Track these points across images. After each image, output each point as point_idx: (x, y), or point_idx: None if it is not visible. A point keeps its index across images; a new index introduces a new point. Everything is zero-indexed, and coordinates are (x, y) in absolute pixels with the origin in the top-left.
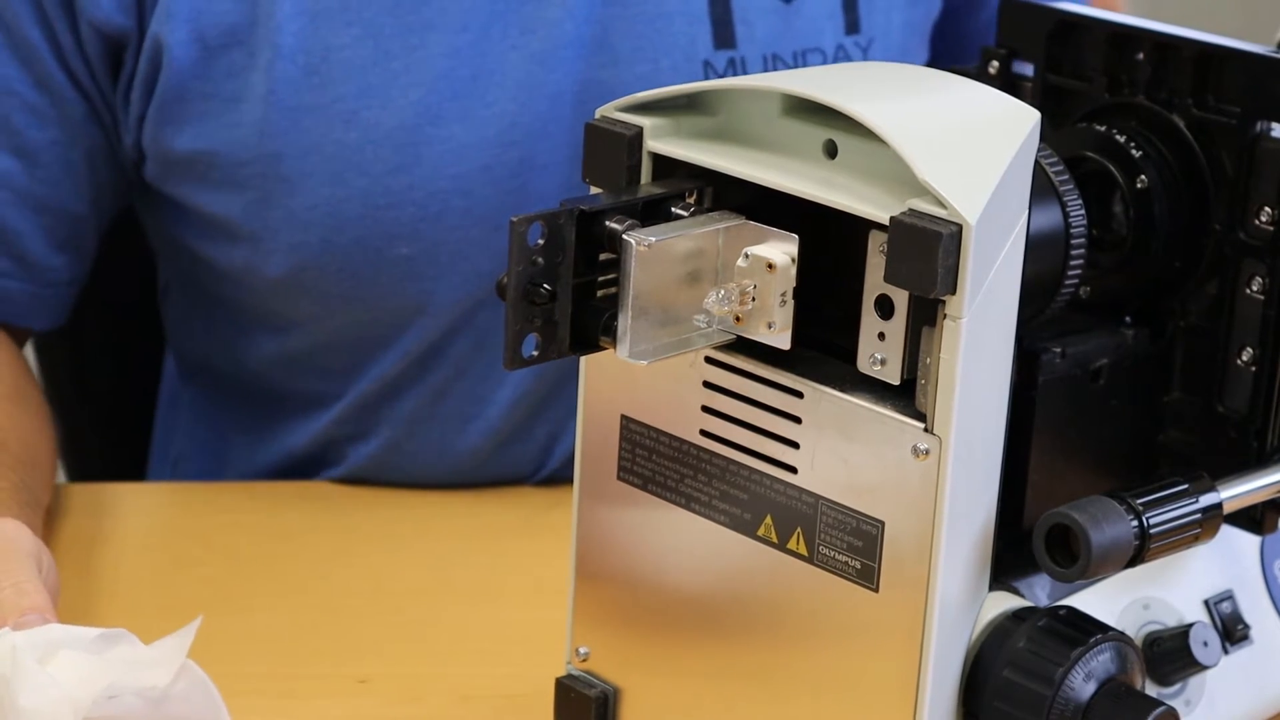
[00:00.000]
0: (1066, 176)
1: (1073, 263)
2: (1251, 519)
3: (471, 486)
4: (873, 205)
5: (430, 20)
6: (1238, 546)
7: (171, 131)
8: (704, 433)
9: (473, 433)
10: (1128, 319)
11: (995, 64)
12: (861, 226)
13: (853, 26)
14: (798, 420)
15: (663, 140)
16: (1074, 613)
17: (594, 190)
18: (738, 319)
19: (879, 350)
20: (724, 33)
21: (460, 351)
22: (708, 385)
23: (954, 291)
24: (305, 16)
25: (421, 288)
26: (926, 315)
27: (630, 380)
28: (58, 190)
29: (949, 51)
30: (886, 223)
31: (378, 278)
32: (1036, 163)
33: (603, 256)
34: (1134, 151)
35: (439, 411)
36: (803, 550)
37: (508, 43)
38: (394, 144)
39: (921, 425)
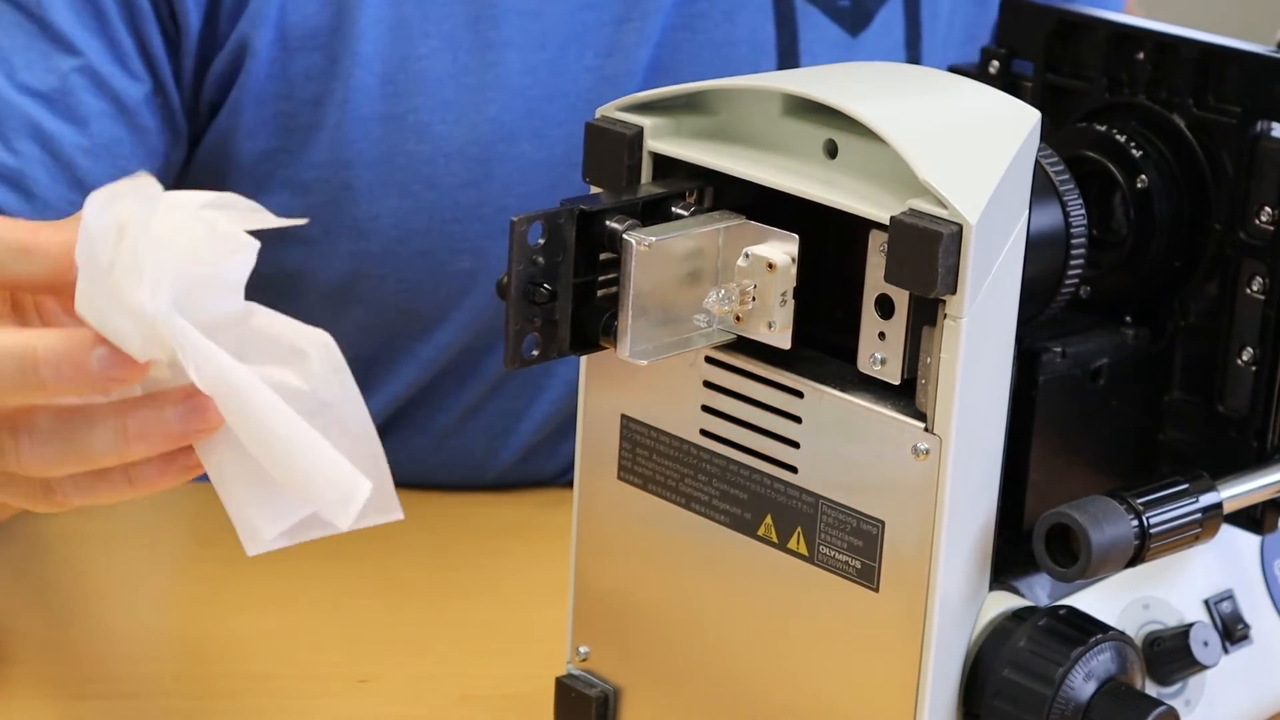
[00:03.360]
0: (1067, 176)
1: (1073, 263)
2: (1252, 519)
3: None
4: (873, 205)
5: (509, 37)
6: (1238, 546)
7: (243, 132)
8: (704, 432)
9: (503, 449)
10: (1128, 319)
11: (995, 64)
12: (862, 226)
13: (914, 63)
14: (798, 420)
15: (663, 140)
16: (1074, 612)
17: (594, 190)
18: (738, 319)
19: (879, 350)
20: (789, 64)
21: (494, 367)
22: (708, 385)
23: (954, 291)
24: (385, 25)
25: (475, 303)
26: (927, 315)
27: (630, 380)
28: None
29: None
30: (887, 222)
31: (436, 291)
32: (1037, 162)
33: (603, 256)
34: (1134, 151)
35: (470, 427)
36: (803, 550)
37: (583, 64)
38: (465, 159)
39: (921, 425)
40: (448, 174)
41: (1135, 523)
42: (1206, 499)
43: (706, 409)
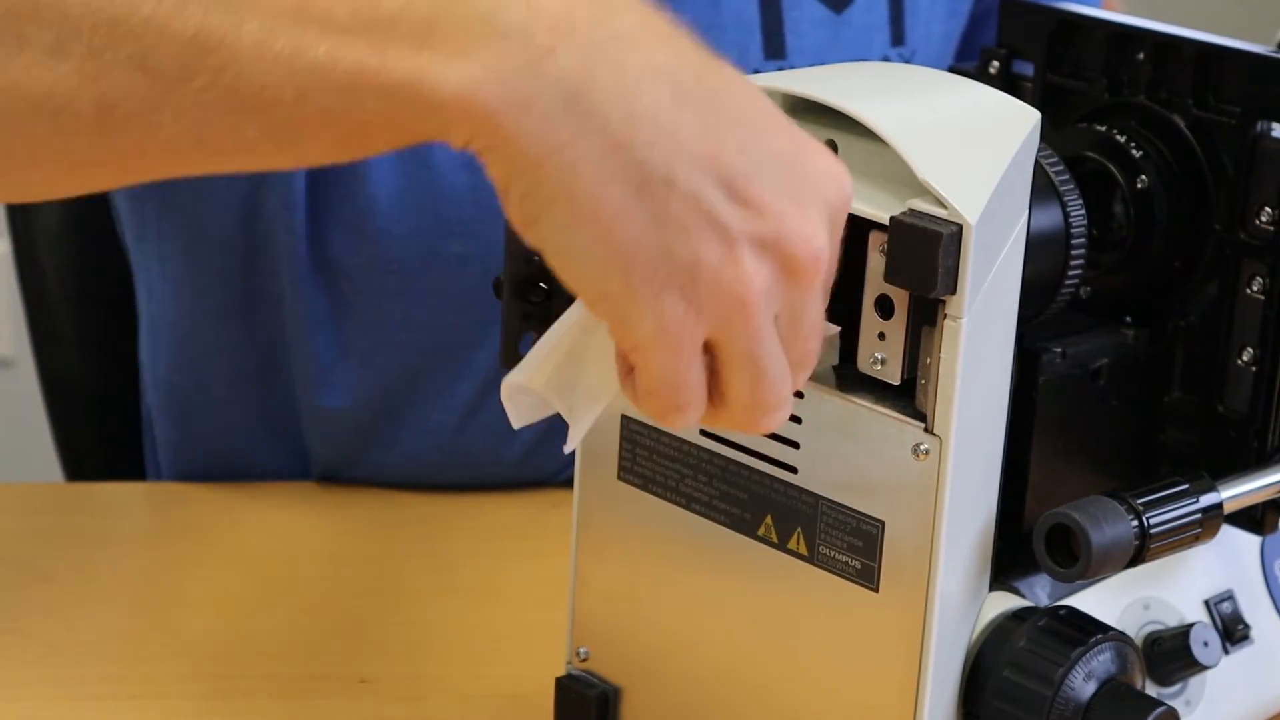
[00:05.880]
0: (1067, 176)
1: (1073, 263)
2: (1252, 519)
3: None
4: (873, 205)
5: None
6: (1238, 546)
7: None
8: (704, 432)
9: (504, 451)
10: (1128, 319)
11: (995, 64)
12: (861, 226)
13: (899, 39)
14: (798, 420)
15: None
16: (1074, 613)
17: None
18: None
19: (879, 350)
20: (775, 43)
21: (485, 363)
22: None
23: (954, 291)
24: None
25: (464, 287)
26: (926, 315)
27: None
28: None
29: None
30: (886, 223)
31: (425, 273)
32: (1037, 163)
33: None
34: (1134, 151)
35: (469, 429)
36: (803, 550)
37: None
38: None
39: (922, 425)
40: (445, 155)
41: (1135, 523)
42: (1206, 499)
43: None
